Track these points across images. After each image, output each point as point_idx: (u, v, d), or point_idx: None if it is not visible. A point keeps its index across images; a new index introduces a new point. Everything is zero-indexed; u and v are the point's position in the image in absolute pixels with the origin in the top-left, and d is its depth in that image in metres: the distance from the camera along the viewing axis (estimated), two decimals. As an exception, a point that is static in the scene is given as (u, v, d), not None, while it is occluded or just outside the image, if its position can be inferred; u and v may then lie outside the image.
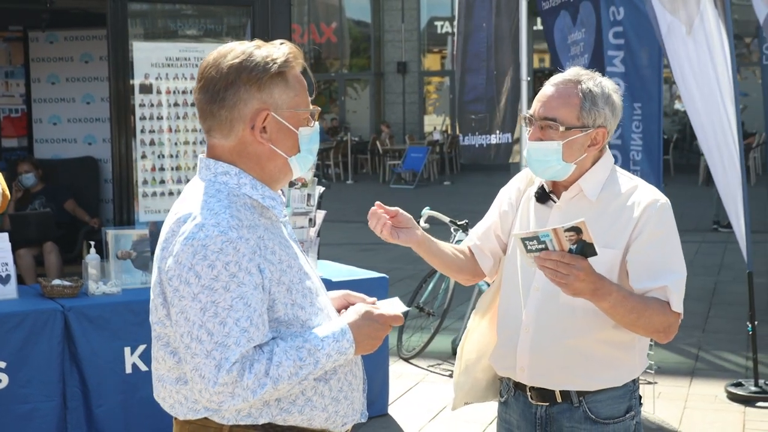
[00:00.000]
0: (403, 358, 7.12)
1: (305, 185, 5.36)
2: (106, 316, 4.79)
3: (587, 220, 2.48)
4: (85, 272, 5.11)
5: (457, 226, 7.32)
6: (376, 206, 2.75)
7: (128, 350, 4.83)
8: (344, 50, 28.18)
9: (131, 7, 6.40)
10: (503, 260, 2.89)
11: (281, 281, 2.15)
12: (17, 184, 7.88)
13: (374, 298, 2.37)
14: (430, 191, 20.14)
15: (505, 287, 2.86)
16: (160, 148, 6.34)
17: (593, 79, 2.68)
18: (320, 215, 5.56)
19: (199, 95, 2.20)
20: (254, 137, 2.18)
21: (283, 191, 2.41)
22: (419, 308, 7.35)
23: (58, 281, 4.99)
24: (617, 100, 2.69)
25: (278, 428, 2.20)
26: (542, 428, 2.76)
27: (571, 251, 2.40)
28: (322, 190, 5.58)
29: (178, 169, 6.39)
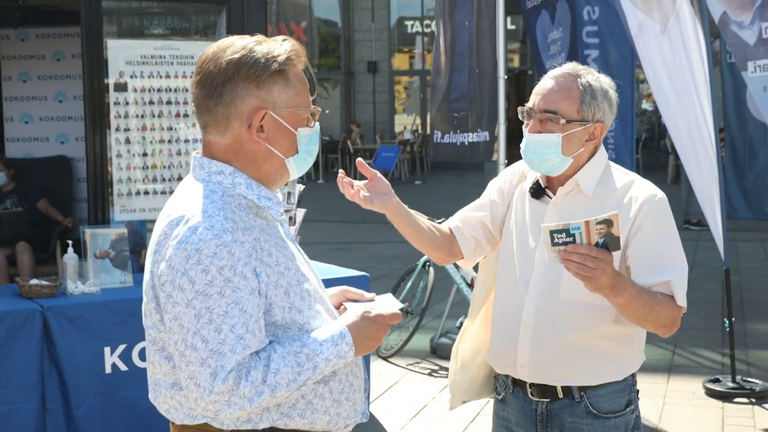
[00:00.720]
0: (381, 356, 7.10)
1: (285, 183, 5.32)
2: (85, 315, 4.71)
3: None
4: (63, 272, 5.04)
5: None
6: (340, 174, 2.65)
7: (108, 350, 4.75)
8: (314, 50, 28.10)
9: (105, 4, 6.33)
10: (497, 256, 2.87)
11: (278, 284, 2.09)
12: (-12, 183, 7.78)
13: (373, 294, 2.34)
14: (401, 190, 19.92)
15: (501, 284, 2.83)
16: (135, 146, 6.27)
17: (591, 73, 2.69)
18: (300, 213, 5.52)
19: (196, 90, 2.13)
20: (251, 136, 2.11)
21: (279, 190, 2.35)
22: (397, 307, 7.32)
23: (36, 281, 4.91)
24: (614, 95, 2.69)
25: (279, 431, 2.14)
26: (543, 424, 2.74)
27: (597, 245, 2.36)
28: (302, 188, 5.55)
29: (153, 167, 6.33)
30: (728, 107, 9.20)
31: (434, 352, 7.25)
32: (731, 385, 6.23)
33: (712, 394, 6.19)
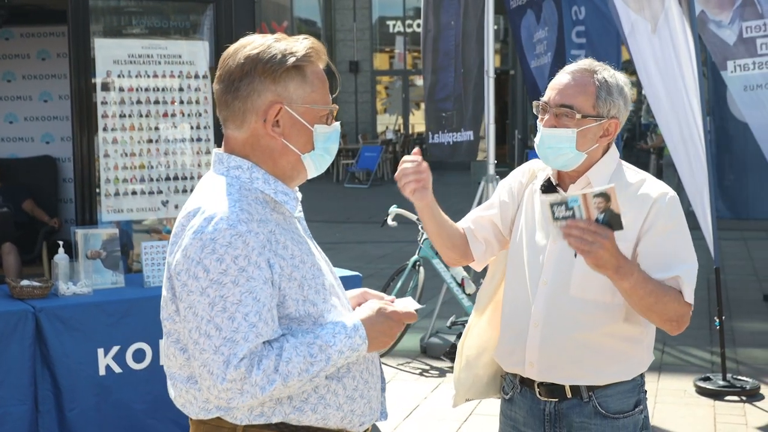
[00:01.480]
0: (371, 356, 7.06)
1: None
2: (78, 317, 4.66)
3: None
4: (54, 272, 4.99)
5: (424, 223, 7.30)
6: (414, 154, 2.68)
7: (101, 352, 4.71)
8: (295, 49, 28.01)
9: (93, 3, 6.28)
10: (507, 254, 2.86)
11: (292, 277, 2.10)
12: (-27, 184, 7.71)
13: (392, 296, 2.34)
14: (384, 190, 20.11)
15: (510, 282, 2.82)
16: (123, 146, 6.21)
17: (607, 70, 2.69)
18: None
19: (216, 85, 2.18)
20: (266, 130, 2.15)
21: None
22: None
23: (27, 282, 4.85)
24: (629, 92, 2.70)
25: (293, 428, 2.15)
26: (551, 424, 2.73)
27: (598, 221, 2.37)
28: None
29: (141, 167, 6.28)
30: (708, 106, 9.24)
31: (424, 351, 7.24)
32: (722, 383, 6.25)
33: (703, 392, 6.21)
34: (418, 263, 7.29)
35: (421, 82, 17.88)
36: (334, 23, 26.79)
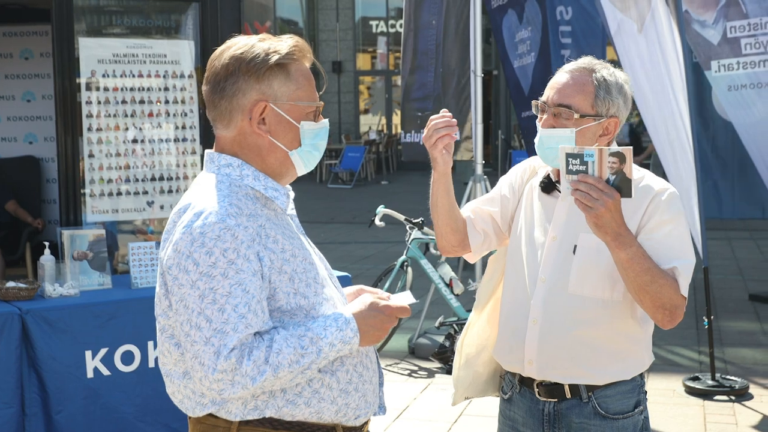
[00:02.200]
0: (359, 357, 7.03)
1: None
2: (65, 319, 4.60)
3: None
4: (40, 274, 4.92)
5: (412, 224, 7.29)
6: (444, 113, 2.69)
7: (89, 354, 4.64)
8: (278, 49, 27.95)
9: (77, 2, 6.22)
10: (506, 251, 2.84)
11: (283, 270, 2.13)
12: (-45, 184, 7.62)
13: (388, 293, 2.33)
14: (367, 191, 20.09)
15: (509, 279, 2.80)
16: (108, 146, 6.16)
17: (607, 68, 2.67)
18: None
19: (204, 87, 2.23)
20: (252, 128, 2.18)
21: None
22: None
23: (12, 283, 4.79)
24: (629, 90, 2.68)
25: (286, 424, 2.17)
26: (550, 425, 2.71)
27: (608, 181, 2.38)
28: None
29: (126, 168, 6.22)
30: (690, 106, 9.25)
31: (413, 352, 7.21)
32: (711, 383, 6.25)
33: (692, 392, 6.21)
34: (406, 263, 7.26)
35: (404, 82, 17.82)
36: (317, 23, 26.74)
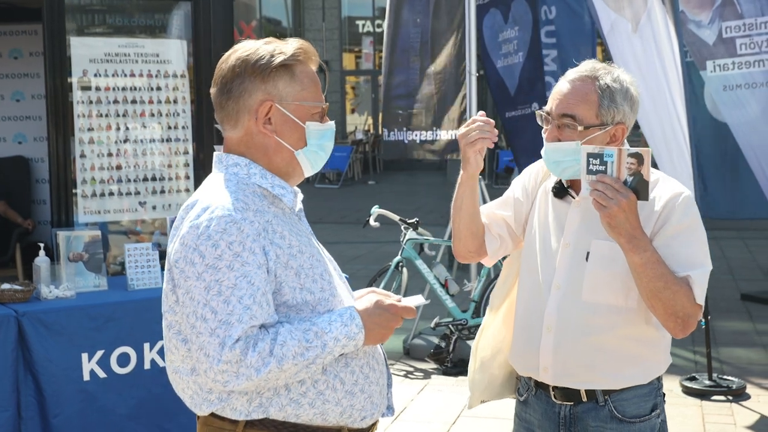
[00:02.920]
0: (354, 359, 6.99)
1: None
2: (61, 321, 4.54)
3: None
4: (35, 275, 4.86)
5: (407, 224, 7.25)
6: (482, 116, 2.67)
7: (86, 357, 4.59)
8: (264, 49, 27.89)
9: (68, 1, 6.15)
10: (520, 257, 2.80)
11: (289, 265, 2.16)
12: (-56, 185, 7.53)
13: (399, 296, 2.32)
14: (354, 190, 20.06)
15: (523, 285, 2.77)
16: (99, 146, 6.10)
17: (611, 73, 2.59)
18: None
19: (212, 89, 2.29)
20: (259, 128, 2.23)
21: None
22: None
23: (8, 285, 4.72)
24: (635, 93, 2.61)
25: (291, 426, 2.17)
26: (566, 428, 2.68)
27: (626, 183, 2.40)
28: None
29: (118, 168, 6.16)
30: (687, 107, 9.24)
31: (408, 353, 7.18)
32: (708, 383, 6.24)
33: (689, 392, 6.20)
34: (401, 264, 7.22)
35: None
36: (303, 22, 26.68)
